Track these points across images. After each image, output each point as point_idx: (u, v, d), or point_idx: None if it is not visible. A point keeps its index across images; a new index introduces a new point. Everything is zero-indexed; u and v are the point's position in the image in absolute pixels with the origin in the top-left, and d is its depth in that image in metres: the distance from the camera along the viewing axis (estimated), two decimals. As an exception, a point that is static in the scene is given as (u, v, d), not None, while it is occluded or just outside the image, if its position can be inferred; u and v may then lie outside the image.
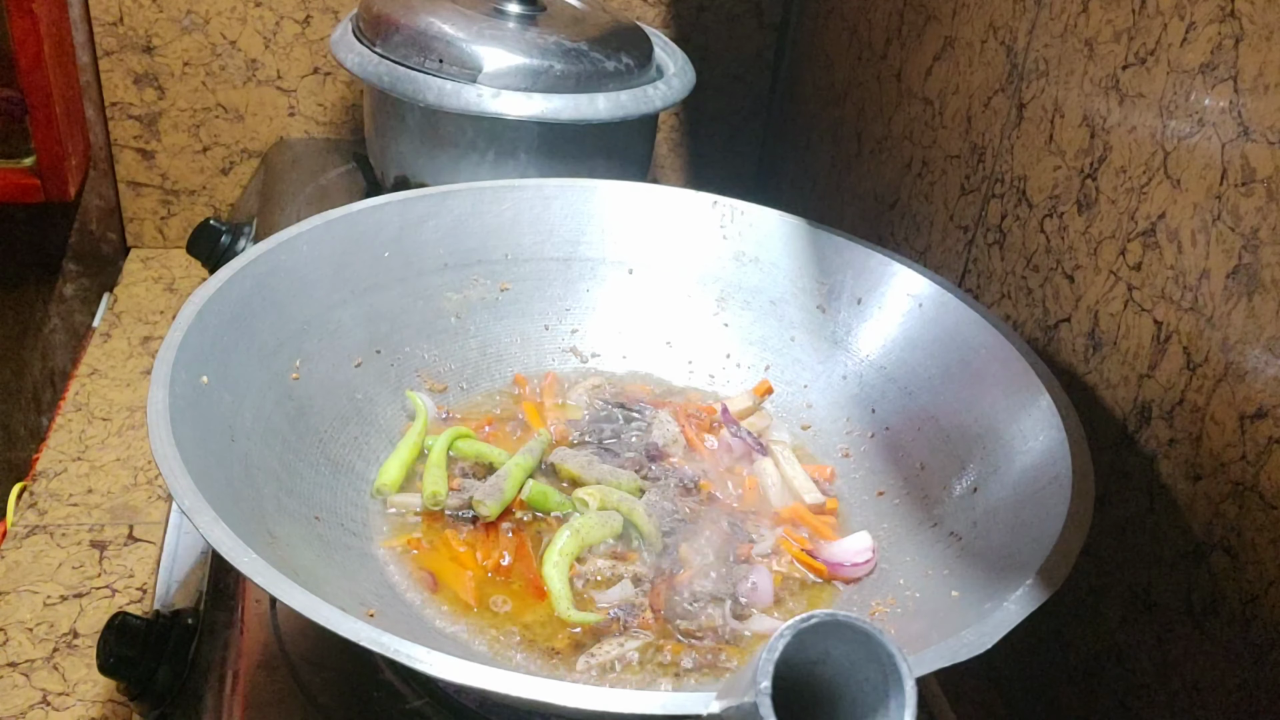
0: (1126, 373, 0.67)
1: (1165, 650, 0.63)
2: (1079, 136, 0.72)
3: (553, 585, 0.62)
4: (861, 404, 0.77)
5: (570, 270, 0.84)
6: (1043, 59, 0.76)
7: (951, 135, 0.89)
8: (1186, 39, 0.61)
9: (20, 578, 0.88)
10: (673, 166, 1.45)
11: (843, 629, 0.36)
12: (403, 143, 0.98)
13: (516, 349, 0.82)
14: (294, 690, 0.57)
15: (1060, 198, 0.74)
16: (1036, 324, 0.76)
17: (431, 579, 0.62)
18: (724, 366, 0.83)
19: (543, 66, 0.93)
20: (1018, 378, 0.66)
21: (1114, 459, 0.67)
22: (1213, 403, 0.59)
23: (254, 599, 0.63)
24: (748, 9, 1.35)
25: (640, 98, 0.96)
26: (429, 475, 0.68)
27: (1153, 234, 0.64)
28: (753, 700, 0.34)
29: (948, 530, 0.65)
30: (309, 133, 1.32)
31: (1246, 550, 0.57)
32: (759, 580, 0.64)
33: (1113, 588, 0.67)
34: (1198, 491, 0.60)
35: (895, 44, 1.01)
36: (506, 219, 0.82)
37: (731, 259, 0.84)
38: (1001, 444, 0.65)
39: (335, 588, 0.56)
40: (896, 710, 0.35)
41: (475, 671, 0.43)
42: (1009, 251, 0.80)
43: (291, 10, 1.24)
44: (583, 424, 0.76)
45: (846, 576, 0.66)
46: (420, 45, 0.94)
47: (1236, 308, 0.58)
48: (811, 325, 0.81)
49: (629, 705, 0.44)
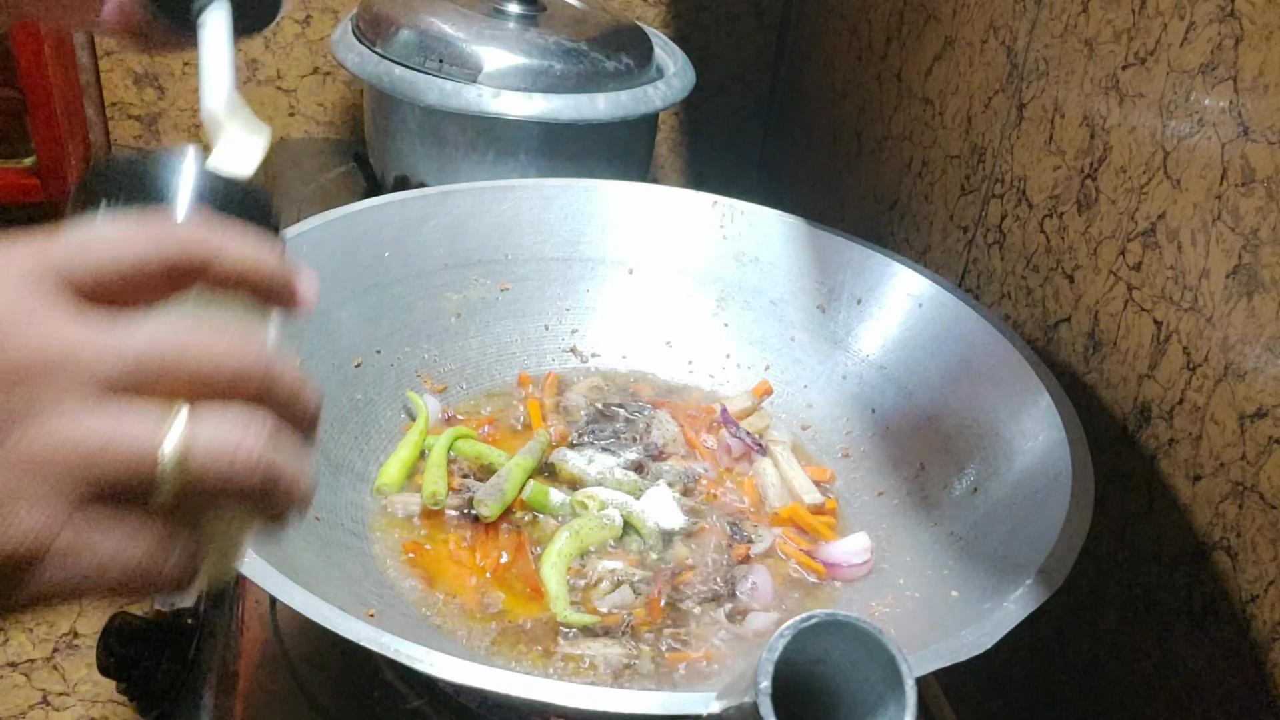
0: (1126, 373, 0.67)
1: (1165, 650, 0.63)
2: (1079, 136, 0.72)
3: (551, 586, 0.62)
4: (861, 404, 0.77)
5: (570, 270, 0.84)
6: (1043, 59, 0.76)
7: (951, 135, 0.89)
8: (1186, 39, 0.61)
9: (20, 578, 0.88)
10: (673, 166, 1.45)
11: (843, 629, 0.36)
12: (403, 143, 0.98)
13: (517, 349, 0.82)
14: (294, 690, 0.57)
15: (1060, 198, 0.74)
16: (1036, 324, 0.76)
17: (431, 579, 0.62)
18: (724, 366, 0.83)
19: (543, 66, 0.93)
20: (1018, 378, 0.66)
21: (1114, 459, 0.67)
22: (1213, 403, 0.59)
23: (254, 599, 0.63)
24: (748, 9, 1.35)
25: (640, 98, 0.96)
26: (429, 475, 0.68)
27: (1153, 234, 0.64)
28: (753, 700, 0.34)
29: (947, 530, 0.65)
30: (309, 133, 1.32)
31: (1246, 550, 0.57)
32: (759, 580, 0.65)
33: (1113, 588, 0.67)
34: (1198, 491, 0.60)
35: (895, 44, 1.01)
36: (506, 219, 0.82)
37: (731, 259, 0.84)
38: (1001, 444, 0.65)
39: (335, 588, 0.56)
40: (896, 710, 0.35)
41: (475, 671, 0.43)
42: (1009, 251, 0.80)
43: (291, 10, 1.24)
44: (582, 424, 0.76)
45: (845, 577, 0.66)
46: (420, 45, 0.94)
47: (1236, 308, 0.58)
48: (811, 325, 0.81)
49: (629, 705, 0.44)
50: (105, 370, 0.28)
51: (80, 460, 0.27)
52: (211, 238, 0.31)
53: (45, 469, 0.27)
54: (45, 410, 0.27)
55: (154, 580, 0.28)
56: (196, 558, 0.29)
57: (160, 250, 0.30)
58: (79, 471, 0.27)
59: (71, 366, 0.27)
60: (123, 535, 0.28)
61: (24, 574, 0.27)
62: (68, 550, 0.27)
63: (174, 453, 0.28)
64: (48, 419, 0.27)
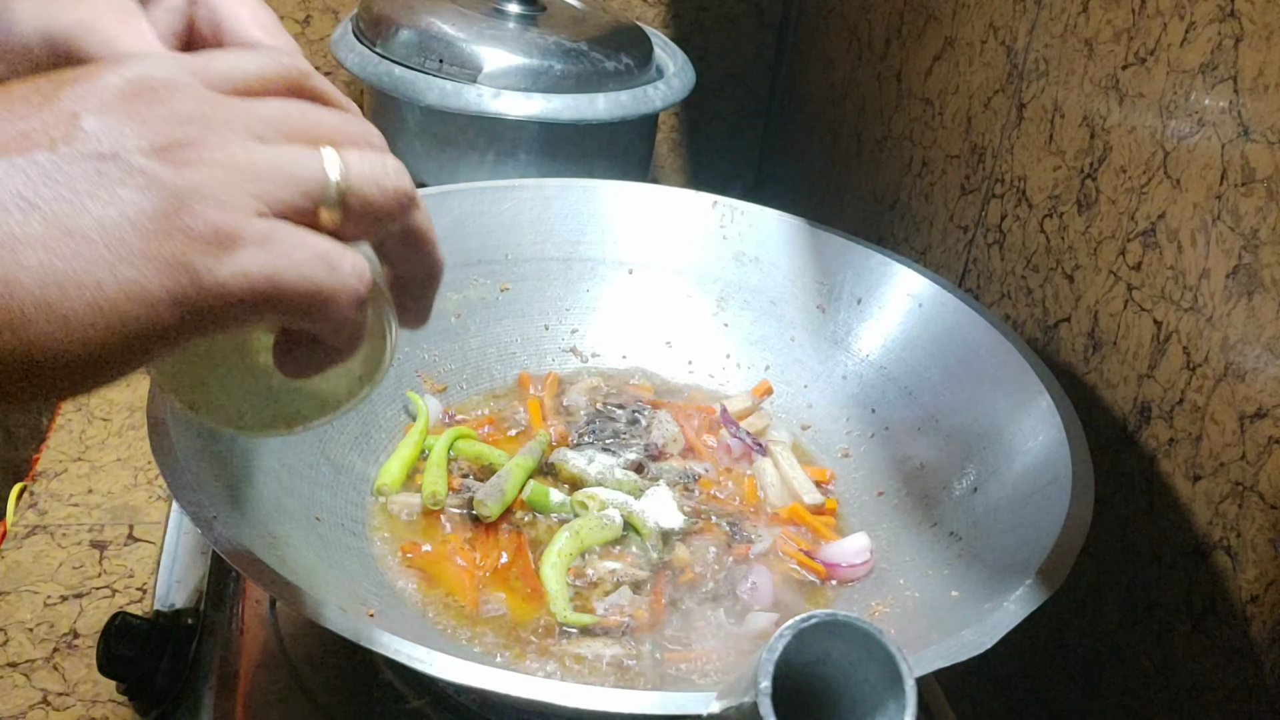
0: (1126, 373, 0.67)
1: (1165, 650, 0.63)
2: (1079, 136, 0.72)
3: (551, 586, 0.62)
4: (861, 404, 0.77)
5: (570, 270, 0.84)
6: (1043, 59, 0.76)
7: (951, 135, 0.89)
8: (1186, 39, 0.61)
9: (20, 578, 0.88)
10: (673, 166, 1.45)
11: (843, 629, 0.36)
12: (403, 143, 0.98)
13: (517, 349, 0.82)
14: (294, 690, 0.57)
15: (1060, 198, 0.74)
16: (1036, 324, 0.76)
17: (431, 579, 0.62)
18: (724, 366, 0.83)
19: (543, 66, 0.93)
20: (1018, 378, 0.66)
21: (1114, 459, 0.67)
22: (1213, 403, 0.59)
23: (254, 599, 0.63)
24: (748, 9, 1.35)
25: (640, 98, 0.96)
26: (429, 475, 0.68)
27: (1153, 234, 0.64)
28: (753, 700, 0.34)
29: (947, 530, 0.65)
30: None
31: (1246, 550, 0.57)
32: (758, 580, 0.65)
33: (1113, 588, 0.67)
34: (1198, 491, 0.60)
35: (895, 44, 1.01)
36: (506, 219, 0.82)
37: (731, 259, 0.84)
38: (1001, 444, 0.65)
39: (335, 588, 0.56)
40: (896, 710, 0.35)
41: (475, 671, 0.43)
42: (1009, 251, 0.80)
43: (291, 10, 1.24)
44: (582, 424, 0.76)
45: (845, 577, 0.66)
46: (420, 45, 0.94)
47: (1236, 308, 0.58)
48: (811, 325, 0.81)
49: (629, 705, 0.44)
50: (259, 118, 0.31)
51: (260, 170, 0.30)
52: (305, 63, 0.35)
53: (232, 174, 0.29)
54: (220, 140, 0.30)
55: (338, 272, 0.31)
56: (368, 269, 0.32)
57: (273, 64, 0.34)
58: (261, 179, 0.30)
59: (232, 115, 0.31)
60: (306, 233, 0.31)
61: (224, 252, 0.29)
62: (261, 235, 0.29)
63: (336, 168, 0.31)
64: (223, 145, 0.30)
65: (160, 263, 0.28)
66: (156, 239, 0.28)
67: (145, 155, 0.28)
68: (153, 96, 0.29)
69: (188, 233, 0.28)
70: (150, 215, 0.28)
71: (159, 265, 0.28)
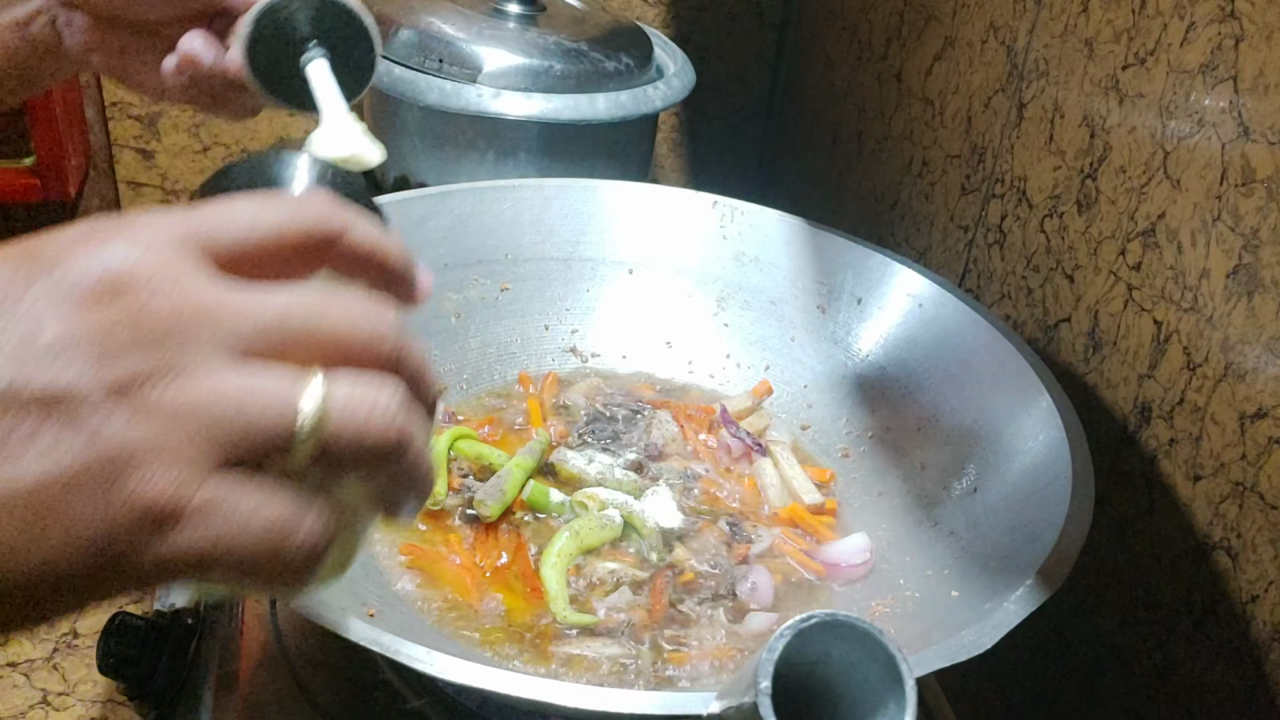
0: (1126, 373, 0.67)
1: (1165, 650, 0.63)
2: (1079, 136, 0.72)
3: (551, 586, 0.62)
4: (861, 404, 0.77)
5: (570, 270, 0.84)
6: (1043, 59, 0.76)
7: (951, 135, 0.89)
8: (1186, 39, 0.61)
9: (20, 578, 0.88)
10: (673, 166, 1.45)
11: (843, 629, 0.36)
12: (403, 143, 0.98)
13: (517, 349, 0.82)
14: (294, 690, 0.57)
15: (1060, 198, 0.74)
16: (1036, 324, 0.76)
17: (431, 579, 0.62)
18: (724, 366, 0.83)
19: (543, 66, 0.93)
20: (1018, 378, 0.66)
21: (1114, 459, 0.67)
22: (1213, 403, 0.59)
23: (254, 599, 0.63)
24: (748, 9, 1.35)
25: (640, 98, 0.96)
26: (429, 475, 0.68)
27: (1153, 234, 0.64)
28: (753, 700, 0.34)
29: (947, 530, 0.65)
30: (309, 132, 1.32)
31: (1246, 550, 0.57)
32: (758, 580, 0.64)
33: (1113, 588, 0.67)
34: (1198, 491, 0.60)
35: (895, 44, 1.01)
36: (506, 219, 0.82)
37: (731, 259, 0.84)
38: (1001, 444, 0.65)
39: (335, 588, 0.56)
40: (896, 710, 0.35)
41: (475, 671, 0.43)
42: (1009, 251, 0.80)
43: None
44: (582, 424, 0.76)
45: (845, 577, 0.66)
46: (420, 45, 0.94)
47: (1236, 308, 0.58)
48: (811, 325, 0.81)
49: (629, 705, 0.44)
50: (245, 331, 0.28)
51: (220, 417, 0.27)
52: (343, 213, 0.32)
53: (185, 425, 0.27)
54: (186, 368, 0.27)
55: (287, 548, 0.28)
56: (328, 529, 0.29)
57: (297, 219, 0.31)
58: (218, 428, 0.27)
59: (213, 326, 0.28)
60: (260, 497, 0.28)
61: (160, 533, 0.26)
62: (205, 508, 0.27)
63: (313, 410, 0.28)
64: (189, 376, 0.27)
65: (85, 541, 0.26)
66: (90, 506, 0.26)
67: (99, 396, 0.26)
68: (130, 302, 0.27)
69: (126, 506, 0.26)
70: (88, 481, 0.26)
71: (84, 544, 0.26)
